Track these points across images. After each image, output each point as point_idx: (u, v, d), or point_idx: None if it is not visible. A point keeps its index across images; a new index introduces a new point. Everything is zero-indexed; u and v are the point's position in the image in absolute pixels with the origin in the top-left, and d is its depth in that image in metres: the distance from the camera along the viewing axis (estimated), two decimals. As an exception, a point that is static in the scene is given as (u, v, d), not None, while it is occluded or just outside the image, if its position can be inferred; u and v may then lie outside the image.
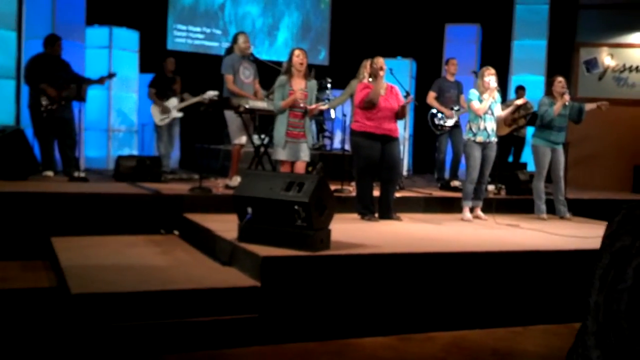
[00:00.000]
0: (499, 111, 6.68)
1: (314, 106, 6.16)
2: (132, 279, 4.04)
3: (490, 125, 6.55)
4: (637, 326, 0.65)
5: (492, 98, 6.54)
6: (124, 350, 3.58)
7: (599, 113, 7.48)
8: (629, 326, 0.65)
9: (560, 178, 7.01)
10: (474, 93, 6.57)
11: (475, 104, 6.50)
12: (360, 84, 6.31)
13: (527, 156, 9.76)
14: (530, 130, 9.56)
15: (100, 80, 7.50)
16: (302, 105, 6.04)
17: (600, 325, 0.68)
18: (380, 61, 6.13)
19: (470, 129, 6.56)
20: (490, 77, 6.50)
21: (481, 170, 6.58)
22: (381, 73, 6.08)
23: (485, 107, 6.48)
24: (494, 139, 6.60)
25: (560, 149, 6.98)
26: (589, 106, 7.21)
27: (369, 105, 5.98)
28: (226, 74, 6.87)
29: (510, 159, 9.74)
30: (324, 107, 7.77)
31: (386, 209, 6.18)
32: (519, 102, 7.30)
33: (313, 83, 6.27)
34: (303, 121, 6.09)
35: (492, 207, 6.82)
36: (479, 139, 6.49)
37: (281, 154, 6.05)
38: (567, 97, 6.84)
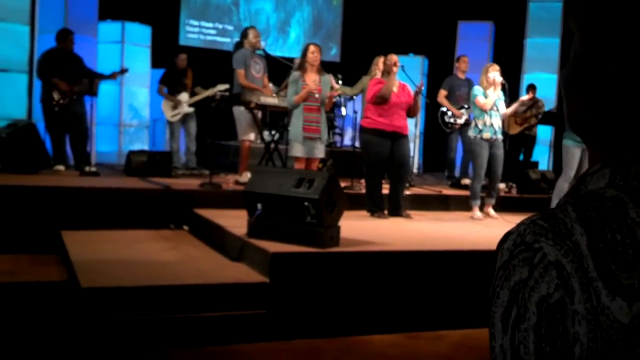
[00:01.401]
0: (504, 108, 6.63)
1: (334, 92, 6.18)
2: (141, 274, 4.05)
3: (497, 121, 6.49)
4: None
5: (497, 95, 6.51)
6: (132, 344, 3.59)
7: None
8: None
9: None
10: (478, 89, 6.54)
11: (481, 99, 6.46)
12: (373, 80, 6.29)
13: (537, 155, 9.70)
14: (541, 129, 9.51)
15: (113, 76, 7.52)
16: (316, 96, 6.03)
17: None
18: (394, 58, 6.12)
19: (476, 125, 6.51)
20: (495, 73, 6.46)
21: (492, 169, 6.53)
22: (395, 69, 6.06)
23: (490, 103, 6.43)
24: (500, 136, 6.56)
25: None
26: None
27: (380, 101, 5.97)
28: (238, 68, 6.86)
29: (521, 157, 9.69)
30: (335, 93, 7.78)
31: (396, 207, 6.16)
32: (525, 98, 7.22)
33: (327, 78, 6.26)
34: (318, 116, 6.09)
35: (499, 205, 6.77)
36: (486, 135, 6.44)
37: (298, 151, 6.04)
38: None
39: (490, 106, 6.43)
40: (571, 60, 0.72)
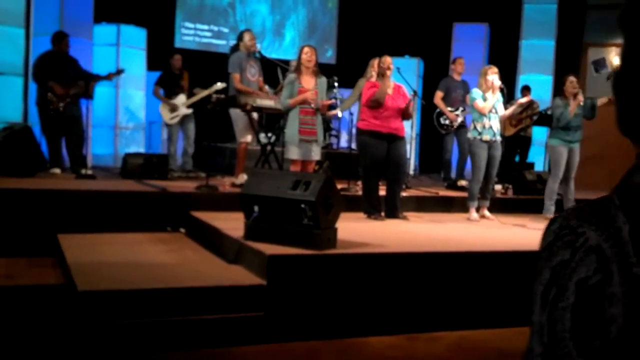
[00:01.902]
0: (502, 110, 6.67)
1: (327, 102, 6.17)
2: (138, 277, 4.05)
3: (495, 124, 6.54)
4: (583, 346, 0.64)
5: (496, 91, 6.55)
6: (129, 347, 3.59)
7: (604, 113, 7.46)
8: (575, 346, 0.64)
9: (571, 178, 6.98)
10: (477, 92, 6.57)
11: (480, 103, 6.49)
12: (367, 83, 6.30)
13: (533, 156, 9.74)
14: (536, 130, 9.54)
15: (108, 77, 7.51)
16: (312, 105, 6.03)
17: (546, 347, 0.66)
18: (388, 60, 6.13)
19: (475, 127, 6.55)
20: (494, 76, 6.49)
21: (488, 171, 6.57)
22: (388, 72, 6.07)
23: (489, 106, 6.47)
24: (499, 138, 6.60)
25: (576, 148, 6.89)
26: (600, 101, 7.16)
27: (375, 105, 5.98)
28: (233, 72, 6.87)
29: (517, 158, 9.72)
30: (334, 112, 7.80)
31: (393, 208, 6.17)
32: (523, 100, 7.24)
33: (323, 80, 6.26)
34: (314, 118, 6.09)
35: (495, 207, 6.79)
36: (485, 137, 6.48)
37: (294, 153, 6.04)
38: (580, 97, 6.77)
39: (489, 109, 6.47)
40: (619, 62, 0.77)
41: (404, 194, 6.73)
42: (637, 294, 0.63)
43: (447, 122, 8.44)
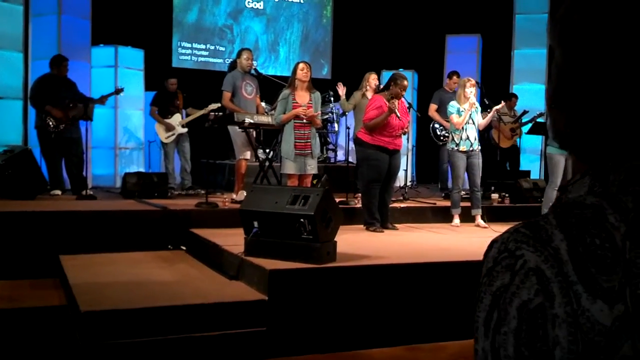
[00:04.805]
0: (480, 119, 6.79)
1: (315, 113, 6.18)
2: (140, 296, 4.08)
3: (472, 134, 6.68)
4: None
5: (473, 107, 6.65)
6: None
7: None
8: None
9: None
10: (453, 106, 6.68)
11: (455, 118, 6.65)
12: (374, 101, 6.23)
13: (528, 164, 9.79)
14: (530, 139, 9.61)
15: (101, 100, 7.50)
16: (304, 121, 6.10)
17: None
18: (405, 83, 6.18)
19: (453, 139, 6.69)
20: (472, 89, 6.61)
21: (471, 178, 6.71)
22: (403, 93, 6.19)
23: (463, 121, 6.59)
24: (477, 147, 6.70)
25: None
26: None
27: (371, 130, 6.08)
28: (225, 90, 6.94)
29: (507, 167, 9.77)
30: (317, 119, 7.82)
31: (384, 219, 6.26)
32: (498, 107, 7.24)
33: (317, 95, 6.33)
34: (309, 132, 6.16)
35: (493, 215, 6.85)
36: (462, 148, 6.65)
37: (290, 168, 6.11)
38: None
39: (463, 124, 6.61)
40: (554, 75, 0.74)
41: (402, 204, 6.79)
42: (580, 314, 0.61)
43: (443, 133, 8.52)
